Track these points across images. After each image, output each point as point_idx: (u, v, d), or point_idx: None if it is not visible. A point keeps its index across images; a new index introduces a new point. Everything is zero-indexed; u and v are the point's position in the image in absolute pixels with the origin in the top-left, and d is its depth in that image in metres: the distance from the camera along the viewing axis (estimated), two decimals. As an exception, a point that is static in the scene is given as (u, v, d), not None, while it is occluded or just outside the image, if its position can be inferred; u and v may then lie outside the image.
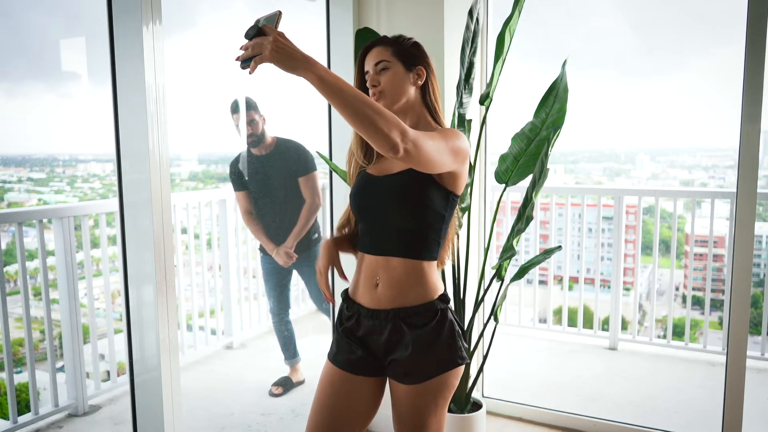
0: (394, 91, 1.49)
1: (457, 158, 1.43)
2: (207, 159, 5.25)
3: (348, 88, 1.21)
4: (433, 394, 1.48)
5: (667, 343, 3.76)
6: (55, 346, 2.94)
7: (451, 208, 1.52)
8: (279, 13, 1.23)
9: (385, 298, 1.49)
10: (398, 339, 1.49)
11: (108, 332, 3.13)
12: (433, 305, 1.48)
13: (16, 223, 2.73)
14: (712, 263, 3.64)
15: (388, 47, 1.52)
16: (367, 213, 1.53)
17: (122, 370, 3.17)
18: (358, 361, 1.53)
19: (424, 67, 1.53)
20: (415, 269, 1.49)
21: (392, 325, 1.48)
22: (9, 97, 3.73)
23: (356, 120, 1.22)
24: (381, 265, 1.50)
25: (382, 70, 1.50)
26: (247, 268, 4.10)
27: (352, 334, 1.55)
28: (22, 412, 2.75)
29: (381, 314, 1.50)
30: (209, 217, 3.84)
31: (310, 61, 1.20)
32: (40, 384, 2.80)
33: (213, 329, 3.93)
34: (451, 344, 1.49)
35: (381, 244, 1.51)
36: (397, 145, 1.24)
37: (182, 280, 3.58)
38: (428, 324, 1.47)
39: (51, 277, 2.87)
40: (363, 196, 1.54)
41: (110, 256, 3.18)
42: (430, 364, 1.47)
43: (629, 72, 4.09)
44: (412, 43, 1.55)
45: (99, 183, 4.25)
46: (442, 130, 1.48)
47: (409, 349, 1.47)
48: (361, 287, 1.54)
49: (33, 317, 2.84)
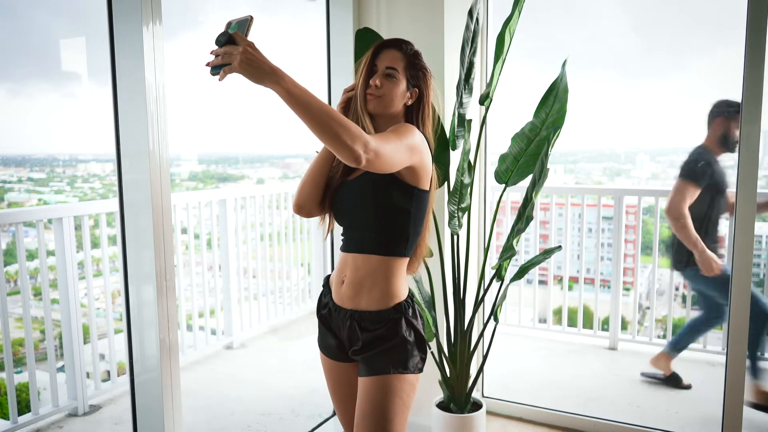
0: (391, 102, 1.54)
1: (414, 154, 1.48)
2: (207, 159, 5.25)
3: (315, 102, 1.24)
4: (384, 389, 1.51)
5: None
6: (55, 346, 2.94)
7: (417, 202, 1.55)
8: (250, 18, 1.24)
9: (346, 296, 1.58)
10: (355, 337, 1.57)
11: (108, 332, 3.13)
12: (386, 314, 1.53)
13: (16, 223, 2.73)
14: (712, 263, 3.63)
15: (403, 59, 1.55)
16: (343, 215, 1.62)
17: (122, 370, 3.17)
18: (335, 348, 1.65)
19: (420, 91, 1.58)
20: (380, 267, 1.54)
21: (349, 324, 1.57)
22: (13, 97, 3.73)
23: (321, 132, 1.26)
24: (349, 262, 1.58)
25: (389, 76, 1.53)
26: (247, 268, 4.10)
27: (327, 323, 1.66)
28: (22, 412, 2.75)
29: (342, 311, 1.59)
30: (209, 217, 3.84)
31: (278, 73, 1.22)
32: (40, 384, 2.80)
33: (213, 329, 3.93)
34: (397, 352, 1.52)
35: (352, 242, 1.59)
36: (360, 157, 1.29)
37: (182, 280, 3.58)
38: (378, 330, 1.53)
39: (51, 277, 2.87)
40: (340, 201, 1.61)
41: (110, 256, 3.18)
42: (377, 363, 1.53)
43: (629, 72, 4.09)
44: (422, 66, 1.59)
45: (99, 183, 4.25)
46: (396, 127, 1.51)
47: (360, 347, 1.55)
48: (334, 281, 1.64)
49: (33, 317, 2.84)
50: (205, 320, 3.94)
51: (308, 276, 4.67)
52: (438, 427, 2.48)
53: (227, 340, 3.92)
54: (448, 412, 2.46)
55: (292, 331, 4.35)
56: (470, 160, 2.36)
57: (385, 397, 1.50)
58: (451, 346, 2.44)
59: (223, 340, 3.91)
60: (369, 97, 1.54)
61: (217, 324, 3.91)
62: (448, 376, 2.46)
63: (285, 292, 4.44)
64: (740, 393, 2.35)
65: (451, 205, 2.31)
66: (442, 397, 2.56)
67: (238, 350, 3.93)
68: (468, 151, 2.34)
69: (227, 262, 3.91)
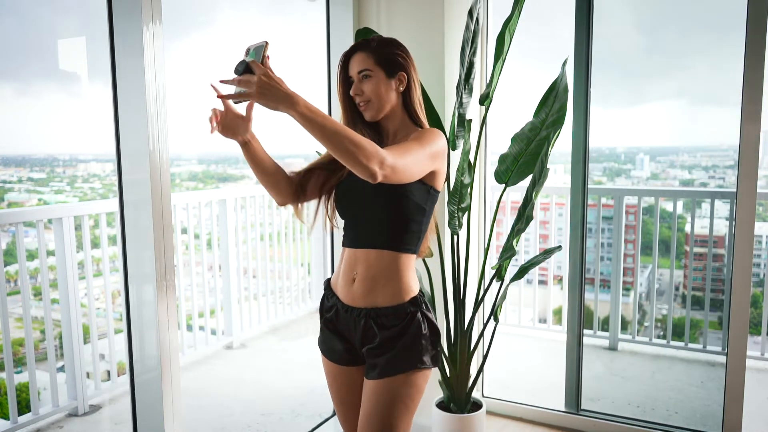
0: (379, 100, 1.52)
1: (436, 160, 1.49)
2: (207, 159, 5.25)
3: (329, 124, 1.28)
4: (393, 392, 1.50)
5: (667, 343, 3.76)
6: (55, 346, 2.94)
7: (431, 202, 1.56)
8: (266, 44, 1.30)
9: (359, 295, 1.54)
10: (371, 336, 1.54)
11: (108, 332, 3.13)
12: (404, 308, 1.52)
13: (16, 223, 2.73)
14: (712, 263, 3.64)
15: (370, 55, 1.52)
16: (351, 209, 1.58)
17: (122, 370, 3.17)
18: (342, 353, 1.61)
19: (405, 72, 1.55)
20: (392, 263, 1.52)
21: (364, 323, 1.54)
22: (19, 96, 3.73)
23: (337, 152, 1.29)
24: (360, 258, 1.55)
25: (364, 78, 1.52)
26: (247, 268, 4.10)
27: (333, 326, 1.62)
28: (22, 412, 2.75)
29: (354, 311, 1.55)
30: (209, 217, 3.84)
31: (293, 99, 1.26)
32: (40, 384, 2.80)
33: (213, 329, 3.93)
34: (414, 347, 1.51)
35: (363, 237, 1.56)
36: (376, 174, 1.31)
37: (182, 280, 3.58)
38: (396, 326, 1.51)
39: (51, 277, 2.87)
40: (348, 196, 1.58)
41: (110, 256, 3.18)
42: (392, 362, 1.50)
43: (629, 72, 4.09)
44: (393, 47, 1.55)
45: (99, 183, 4.25)
46: (418, 135, 1.50)
47: (376, 344, 1.52)
48: (341, 281, 1.59)
49: (33, 317, 2.84)
50: (205, 320, 3.94)
51: (308, 276, 4.67)
52: (438, 427, 2.48)
53: (227, 340, 3.92)
54: (448, 412, 2.46)
55: (292, 331, 4.35)
56: (470, 160, 2.36)
57: (395, 398, 1.49)
58: (451, 346, 2.44)
59: (223, 340, 3.91)
60: (361, 109, 1.54)
61: (217, 324, 3.91)
62: (448, 376, 2.46)
63: (285, 292, 4.44)
64: (740, 393, 2.36)
65: (451, 204, 2.31)
66: (442, 397, 2.56)
67: (238, 350, 3.93)
68: (468, 151, 2.34)
69: (227, 262, 3.91)
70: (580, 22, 2.58)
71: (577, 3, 2.57)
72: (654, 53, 4.04)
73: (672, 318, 3.79)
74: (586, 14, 2.57)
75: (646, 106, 4.18)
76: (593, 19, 2.59)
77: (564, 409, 2.86)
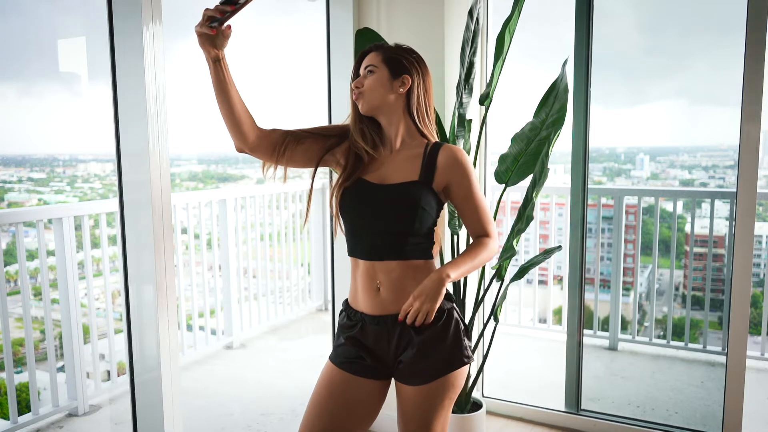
0: (372, 95, 1.53)
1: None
2: (207, 159, 5.25)
3: (476, 264, 1.52)
4: (439, 394, 1.49)
5: (667, 343, 3.76)
6: (55, 346, 2.94)
7: (440, 210, 1.58)
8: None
9: (389, 302, 1.50)
10: (406, 343, 1.50)
11: (108, 332, 3.13)
12: (439, 306, 1.49)
13: (16, 223, 2.73)
14: (712, 263, 3.64)
15: (380, 53, 1.55)
16: (363, 218, 1.53)
17: (122, 370, 3.16)
18: (371, 368, 1.54)
19: (412, 77, 1.54)
20: (414, 269, 1.51)
21: (399, 330, 1.50)
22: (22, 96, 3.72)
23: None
24: (380, 269, 1.51)
25: (369, 73, 1.54)
26: (247, 268, 4.10)
27: (360, 343, 1.54)
28: (22, 412, 2.75)
29: (387, 320, 1.50)
30: (209, 217, 3.84)
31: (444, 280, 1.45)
32: (40, 384, 2.80)
33: (213, 329, 3.93)
34: (456, 344, 1.51)
35: (379, 249, 1.51)
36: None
37: (182, 280, 3.58)
38: (434, 326, 1.49)
39: (51, 277, 2.87)
40: (361, 202, 1.52)
41: (110, 256, 3.18)
42: (435, 365, 1.48)
43: (629, 72, 4.09)
44: (405, 51, 1.57)
45: (99, 183, 4.25)
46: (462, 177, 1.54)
47: (415, 350, 1.48)
48: (362, 294, 1.54)
49: (33, 317, 2.84)
50: (205, 320, 3.93)
51: (308, 276, 4.67)
52: (438, 427, 2.48)
53: (227, 340, 3.92)
54: (448, 412, 2.46)
55: (292, 331, 4.35)
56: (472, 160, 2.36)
57: (443, 396, 1.50)
58: (451, 346, 2.44)
59: (223, 340, 3.91)
60: (354, 98, 1.55)
61: (217, 324, 3.91)
62: (448, 376, 2.46)
63: (285, 292, 4.44)
64: (740, 393, 2.35)
65: (451, 205, 2.30)
66: (442, 397, 2.55)
67: (238, 350, 3.93)
68: (468, 151, 2.34)
69: (227, 262, 3.91)
70: (581, 22, 2.58)
71: (577, 3, 2.57)
72: (654, 53, 4.04)
73: (672, 318, 3.79)
74: (586, 14, 2.57)
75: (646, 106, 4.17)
76: (593, 19, 2.59)
77: (564, 409, 2.86)
